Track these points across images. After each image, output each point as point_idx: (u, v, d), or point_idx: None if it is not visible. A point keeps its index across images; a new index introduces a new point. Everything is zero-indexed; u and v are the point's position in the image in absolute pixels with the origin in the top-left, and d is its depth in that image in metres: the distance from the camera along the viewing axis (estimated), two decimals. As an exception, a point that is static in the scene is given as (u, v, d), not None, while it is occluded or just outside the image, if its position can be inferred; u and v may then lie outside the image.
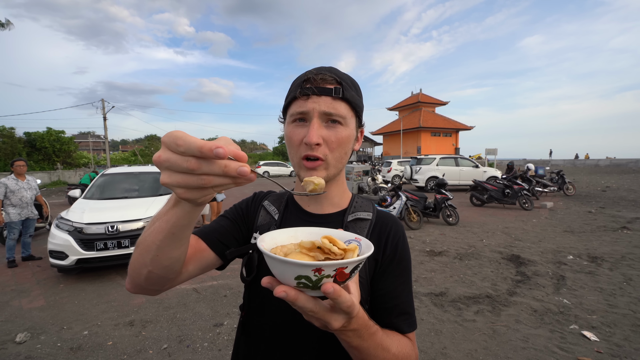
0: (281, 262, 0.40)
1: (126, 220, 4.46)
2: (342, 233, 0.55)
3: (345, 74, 0.69)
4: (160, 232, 0.50)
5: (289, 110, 0.68)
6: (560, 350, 2.62)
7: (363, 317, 0.50)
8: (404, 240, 0.73)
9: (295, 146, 0.66)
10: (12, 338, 2.92)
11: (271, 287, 0.43)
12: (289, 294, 0.41)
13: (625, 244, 5.56)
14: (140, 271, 0.55)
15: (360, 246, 0.50)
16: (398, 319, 0.66)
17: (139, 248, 0.55)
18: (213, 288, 3.99)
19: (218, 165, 0.36)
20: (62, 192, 16.07)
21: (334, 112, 0.64)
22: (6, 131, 22.32)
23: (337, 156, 0.67)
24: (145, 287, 0.59)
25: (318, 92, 0.63)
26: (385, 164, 20.57)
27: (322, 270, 0.39)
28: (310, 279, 0.40)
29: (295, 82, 0.68)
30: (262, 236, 0.50)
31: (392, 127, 40.18)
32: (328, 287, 0.40)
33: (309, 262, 0.39)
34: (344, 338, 0.51)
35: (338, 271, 0.40)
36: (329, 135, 0.64)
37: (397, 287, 0.69)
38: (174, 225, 0.48)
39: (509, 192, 9.63)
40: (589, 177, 19.49)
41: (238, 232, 0.76)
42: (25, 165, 5.08)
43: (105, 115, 24.04)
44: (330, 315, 0.44)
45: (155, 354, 2.68)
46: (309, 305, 0.43)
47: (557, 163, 29.04)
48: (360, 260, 0.42)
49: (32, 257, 5.17)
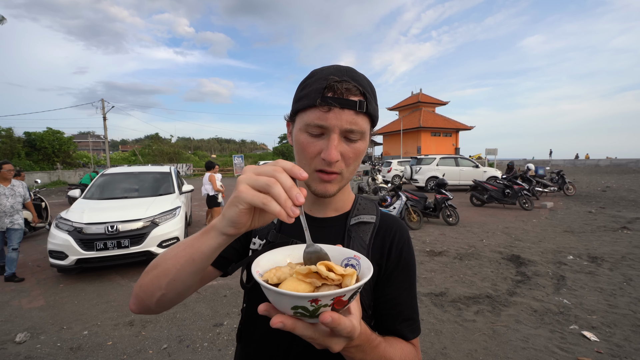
0: (276, 293, 0.39)
1: (126, 220, 4.45)
2: (340, 250, 0.53)
3: (365, 80, 0.63)
4: (181, 257, 0.51)
5: (303, 116, 0.62)
6: (560, 350, 2.62)
7: (365, 332, 0.50)
8: (409, 245, 0.72)
9: (310, 158, 0.62)
10: (12, 338, 2.92)
11: (268, 315, 0.43)
12: (286, 325, 0.41)
13: (625, 244, 5.55)
14: (154, 293, 0.55)
15: (359, 266, 0.48)
16: (402, 325, 0.66)
17: (155, 271, 0.54)
18: (213, 288, 3.99)
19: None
20: (62, 192, 16.08)
21: (356, 128, 0.59)
22: (5, 131, 22.31)
23: (352, 169, 0.65)
24: (153, 309, 0.59)
25: (341, 104, 0.57)
26: (385, 164, 20.55)
27: (318, 301, 0.38)
28: (307, 309, 0.39)
29: (312, 84, 0.61)
30: (257, 259, 0.49)
31: (392, 127, 40.16)
32: (326, 317, 0.39)
33: (305, 294, 0.38)
34: (346, 354, 0.50)
35: (336, 300, 0.39)
36: (347, 151, 0.61)
37: (402, 293, 0.68)
38: (198, 251, 0.49)
39: (509, 192, 9.63)
40: (589, 177, 19.49)
41: (236, 241, 0.73)
42: (13, 169, 4.47)
43: (105, 115, 24.04)
44: (330, 340, 0.44)
45: (155, 354, 2.67)
46: (308, 333, 0.42)
47: (557, 163, 29.04)
48: (358, 287, 0.41)
49: (13, 277, 4.30)
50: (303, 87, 0.64)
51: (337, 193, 0.66)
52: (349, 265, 0.51)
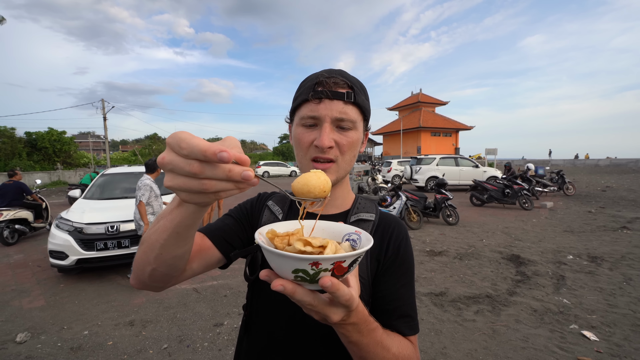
0: (278, 255, 0.40)
1: (126, 220, 4.46)
2: (343, 226, 0.55)
3: (355, 78, 0.69)
4: (164, 231, 0.50)
5: (298, 112, 0.68)
6: (560, 350, 2.62)
7: (363, 311, 0.50)
8: (407, 242, 0.73)
9: (305, 148, 0.67)
10: (12, 338, 2.92)
11: (269, 280, 0.43)
12: (286, 288, 0.41)
13: (625, 244, 5.56)
14: (145, 268, 0.56)
15: (360, 239, 0.50)
16: (399, 322, 0.66)
17: (143, 246, 0.55)
18: (213, 288, 3.99)
19: (222, 169, 0.35)
20: (62, 192, 16.08)
21: (346, 117, 0.65)
22: (7, 131, 22.32)
23: (347, 159, 0.68)
24: (149, 284, 0.60)
25: (331, 95, 0.64)
26: (385, 164, 20.57)
27: (319, 264, 0.39)
28: (307, 272, 0.39)
29: (306, 83, 0.68)
30: (260, 229, 0.50)
31: (392, 127, 40.17)
32: (326, 280, 0.39)
33: (306, 256, 0.38)
34: (343, 332, 0.50)
35: (336, 265, 0.40)
36: (340, 139, 0.66)
37: (399, 288, 0.68)
38: (178, 225, 0.48)
39: (509, 192, 9.63)
40: (589, 177, 19.49)
41: (243, 231, 0.76)
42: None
43: (105, 115, 24.05)
44: (329, 308, 0.44)
45: (155, 354, 2.68)
46: (307, 299, 0.42)
47: (557, 163, 29.05)
48: (358, 254, 0.41)
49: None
50: (299, 88, 0.71)
51: (335, 183, 0.69)
52: (350, 240, 0.52)
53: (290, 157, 38.35)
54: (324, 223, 0.56)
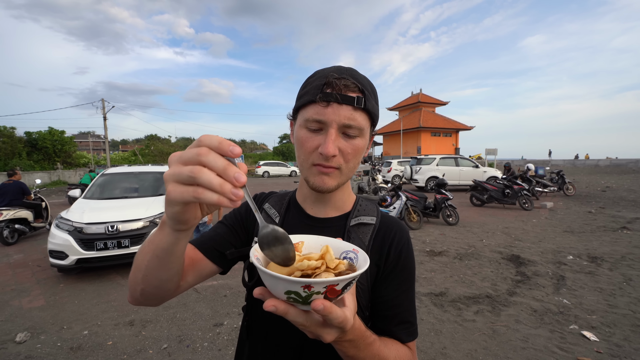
0: (271, 277, 0.39)
1: (126, 220, 4.46)
2: (341, 243, 0.54)
3: (366, 79, 0.64)
4: (147, 252, 0.50)
5: (303, 112, 0.63)
6: (560, 350, 2.62)
7: (359, 327, 0.49)
8: (409, 247, 0.71)
9: (308, 152, 0.63)
10: (12, 338, 2.92)
11: (263, 299, 0.43)
12: (278, 308, 0.41)
13: (625, 244, 5.55)
14: (135, 288, 0.56)
15: (357, 259, 0.49)
16: (398, 328, 0.65)
17: (133, 265, 0.55)
18: (213, 288, 3.99)
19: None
20: (62, 192, 16.07)
21: (354, 124, 0.60)
22: (6, 131, 22.32)
23: (351, 166, 0.65)
24: (143, 302, 0.59)
25: (340, 99, 0.58)
26: (385, 164, 20.55)
27: (311, 287, 0.38)
28: (299, 294, 0.39)
29: (313, 82, 0.63)
30: (257, 245, 0.48)
31: (392, 127, 40.17)
32: (318, 304, 0.39)
33: (298, 279, 0.38)
34: (339, 348, 0.50)
35: (329, 288, 0.39)
36: (345, 147, 0.62)
37: (399, 295, 0.67)
38: (157, 247, 0.49)
39: (509, 192, 9.63)
40: (589, 177, 19.50)
41: (235, 238, 0.74)
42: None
43: (105, 115, 24.05)
44: (322, 329, 0.44)
45: (155, 354, 2.68)
46: (300, 320, 0.42)
47: (557, 163, 29.04)
48: (352, 277, 0.41)
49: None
50: (305, 86, 0.65)
51: (336, 189, 0.66)
52: (347, 258, 0.51)
53: (290, 157, 38.30)
54: (323, 239, 0.56)
